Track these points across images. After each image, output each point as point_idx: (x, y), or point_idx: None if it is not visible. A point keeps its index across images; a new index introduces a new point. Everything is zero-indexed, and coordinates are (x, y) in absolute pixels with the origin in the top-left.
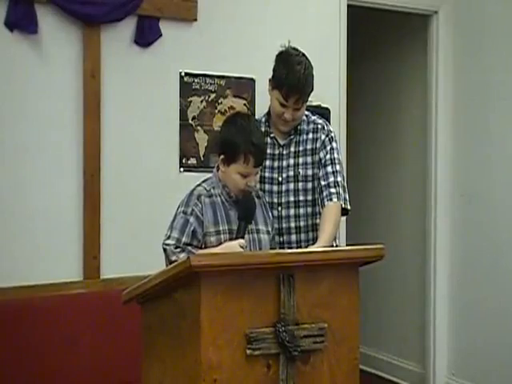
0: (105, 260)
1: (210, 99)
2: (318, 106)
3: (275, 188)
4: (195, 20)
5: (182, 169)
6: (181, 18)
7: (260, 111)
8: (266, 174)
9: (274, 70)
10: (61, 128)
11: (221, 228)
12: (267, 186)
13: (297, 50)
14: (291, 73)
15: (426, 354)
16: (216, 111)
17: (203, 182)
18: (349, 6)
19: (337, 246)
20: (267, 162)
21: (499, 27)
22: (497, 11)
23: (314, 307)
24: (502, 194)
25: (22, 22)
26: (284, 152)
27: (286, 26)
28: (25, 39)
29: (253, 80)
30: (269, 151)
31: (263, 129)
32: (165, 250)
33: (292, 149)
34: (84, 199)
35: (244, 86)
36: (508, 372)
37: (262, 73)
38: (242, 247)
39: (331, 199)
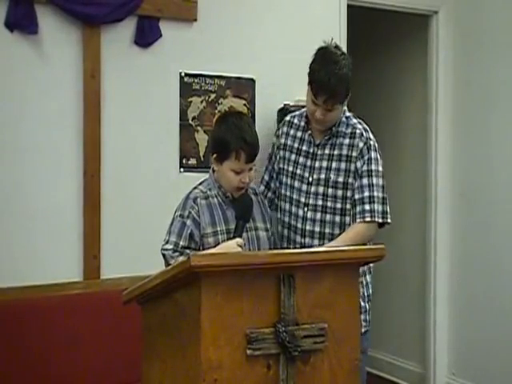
0: (105, 260)
1: (210, 99)
2: None
3: (304, 187)
4: (195, 20)
5: (182, 169)
6: (181, 19)
7: (260, 112)
8: (298, 171)
9: (310, 64)
10: (61, 128)
11: (218, 228)
12: (297, 183)
13: (338, 48)
14: (323, 70)
15: (427, 354)
16: (216, 111)
17: (199, 184)
18: (349, 6)
19: None
20: (300, 159)
21: (499, 27)
22: (497, 11)
23: (314, 307)
24: (502, 193)
25: (22, 22)
26: (319, 152)
27: (286, 27)
28: (25, 39)
29: (253, 80)
30: (304, 148)
31: (302, 123)
32: (164, 255)
33: (327, 151)
34: (84, 199)
35: (244, 87)
36: (508, 371)
37: (262, 73)
38: (239, 246)
39: (364, 217)
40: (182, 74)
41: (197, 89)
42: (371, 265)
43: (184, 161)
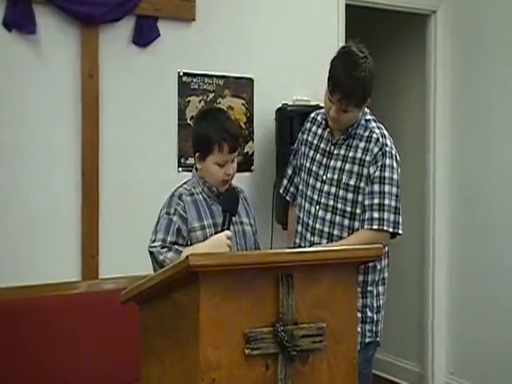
0: (103, 260)
1: (208, 99)
2: (317, 106)
3: (318, 185)
4: (194, 20)
5: (180, 169)
6: (179, 18)
7: (258, 111)
8: (314, 168)
9: (331, 61)
10: (59, 128)
11: (205, 223)
12: (311, 180)
13: (362, 51)
14: (341, 70)
15: (425, 354)
16: None
17: (183, 183)
18: (347, 6)
19: None
20: (318, 156)
21: (497, 27)
22: (495, 11)
23: (312, 307)
24: (501, 193)
25: (21, 21)
26: (335, 152)
27: (285, 26)
28: (23, 39)
29: (251, 80)
30: (322, 146)
31: (323, 121)
32: (151, 252)
33: (342, 151)
34: (82, 199)
35: (242, 86)
36: (506, 371)
37: (260, 72)
38: (228, 238)
39: (371, 225)
40: (181, 74)
41: (195, 88)
42: (386, 275)
43: (182, 160)
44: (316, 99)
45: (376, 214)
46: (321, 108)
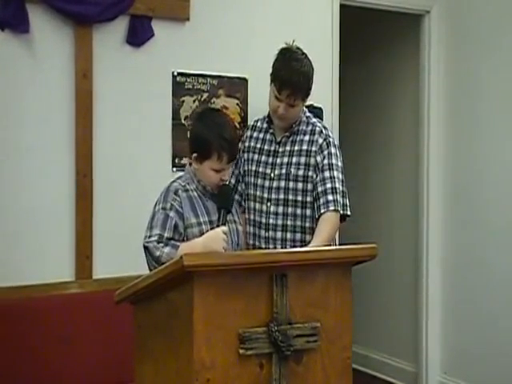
0: (97, 260)
1: (202, 99)
2: (310, 106)
3: (267, 183)
4: (188, 20)
5: (174, 168)
6: (173, 18)
7: (253, 111)
8: (260, 169)
9: (273, 64)
10: (53, 128)
11: (201, 219)
12: (259, 181)
13: (300, 49)
14: (287, 67)
15: (419, 353)
16: None
17: (177, 178)
18: (341, 6)
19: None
20: (263, 158)
21: (491, 26)
22: (489, 10)
23: (306, 306)
24: (494, 193)
25: (14, 21)
26: (280, 149)
27: (279, 26)
28: (16, 38)
29: (245, 80)
30: (266, 147)
31: (264, 125)
32: (147, 247)
33: (288, 147)
34: (76, 199)
35: (237, 86)
36: (500, 370)
37: (254, 72)
38: (225, 233)
39: (328, 207)
40: (175, 74)
41: (189, 88)
42: None
43: (177, 160)
44: (310, 99)
45: (331, 197)
46: (314, 108)
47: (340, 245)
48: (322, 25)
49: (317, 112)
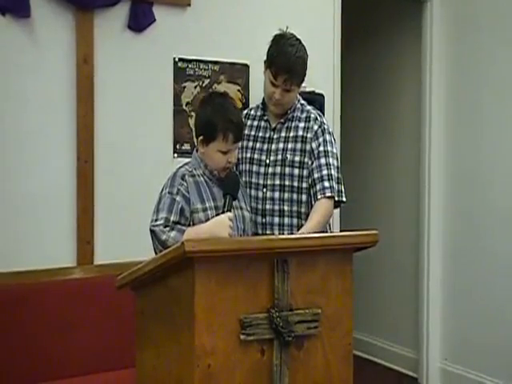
0: (98, 246)
1: (203, 85)
2: (312, 92)
3: (262, 170)
4: (189, 5)
5: (175, 154)
6: (175, 3)
7: (254, 97)
8: (255, 156)
9: (267, 50)
10: (54, 114)
11: (207, 205)
12: (255, 168)
13: (293, 35)
14: (282, 52)
15: (420, 340)
16: None
17: (184, 164)
18: None
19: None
20: (257, 145)
21: (493, 13)
22: None
23: (308, 293)
24: (497, 178)
25: (15, 5)
26: (275, 136)
27: (281, 12)
28: (17, 23)
29: (247, 66)
30: (260, 134)
31: (258, 113)
32: (153, 231)
33: (283, 134)
34: (77, 185)
35: (238, 72)
36: (500, 357)
37: (256, 58)
38: (230, 220)
39: (324, 193)
40: (176, 59)
41: (191, 74)
42: None
43: (178, 146)
44: (311, 85)
45: (327, 183)
46: (316, 94)
47: (341, 231)
48: (323, 11)
49: (318, 98)
